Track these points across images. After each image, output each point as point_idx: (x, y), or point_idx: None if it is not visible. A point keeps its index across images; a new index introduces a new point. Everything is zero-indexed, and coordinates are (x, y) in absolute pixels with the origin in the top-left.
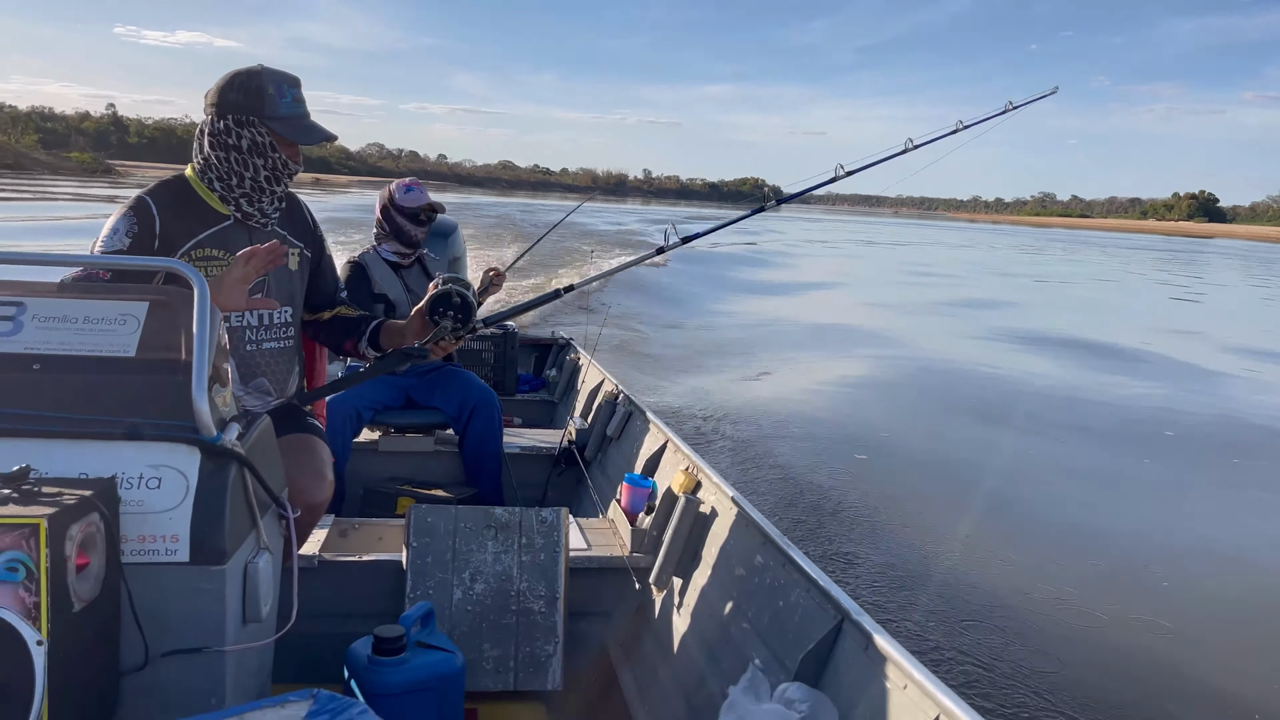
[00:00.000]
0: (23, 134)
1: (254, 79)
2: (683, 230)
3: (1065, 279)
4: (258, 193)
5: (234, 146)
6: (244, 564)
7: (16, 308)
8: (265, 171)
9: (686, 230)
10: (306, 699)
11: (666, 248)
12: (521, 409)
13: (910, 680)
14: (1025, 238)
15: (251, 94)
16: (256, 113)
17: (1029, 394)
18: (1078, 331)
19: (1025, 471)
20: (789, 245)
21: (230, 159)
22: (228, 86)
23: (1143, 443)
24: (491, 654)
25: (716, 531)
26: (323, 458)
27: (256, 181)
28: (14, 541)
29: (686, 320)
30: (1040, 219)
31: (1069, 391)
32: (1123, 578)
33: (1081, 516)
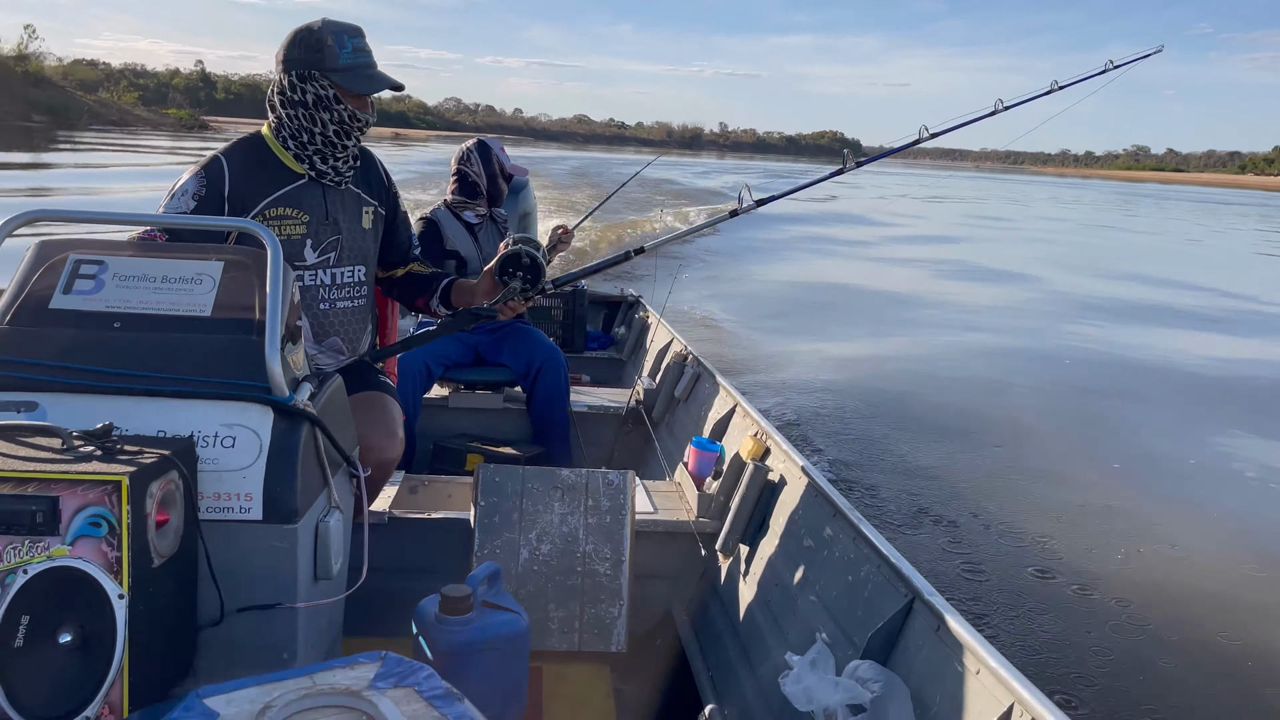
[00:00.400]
0: (124, 92)
1: (314, 33)
2: (758, 191)
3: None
4: (329, 149)
5: (300, 103)
6: (315, 522)
7: (99, 266)
8: (333, 125)
9: (761, 191)
10: (375, 660)
11: (740, 211)
12: (590, 366)
13: (984, 666)
14: (1111, 194)
15: (312, 48)
16: (318, 66)
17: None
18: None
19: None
20: (872, 203)
21: (299, 116)
22: (291, 43)
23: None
24: (556, 615)
25: (785, 500)
26: (394, 415)
27: (326, 137)
28: (97, 497)
29: (759, 279)
30: (1131, 173)
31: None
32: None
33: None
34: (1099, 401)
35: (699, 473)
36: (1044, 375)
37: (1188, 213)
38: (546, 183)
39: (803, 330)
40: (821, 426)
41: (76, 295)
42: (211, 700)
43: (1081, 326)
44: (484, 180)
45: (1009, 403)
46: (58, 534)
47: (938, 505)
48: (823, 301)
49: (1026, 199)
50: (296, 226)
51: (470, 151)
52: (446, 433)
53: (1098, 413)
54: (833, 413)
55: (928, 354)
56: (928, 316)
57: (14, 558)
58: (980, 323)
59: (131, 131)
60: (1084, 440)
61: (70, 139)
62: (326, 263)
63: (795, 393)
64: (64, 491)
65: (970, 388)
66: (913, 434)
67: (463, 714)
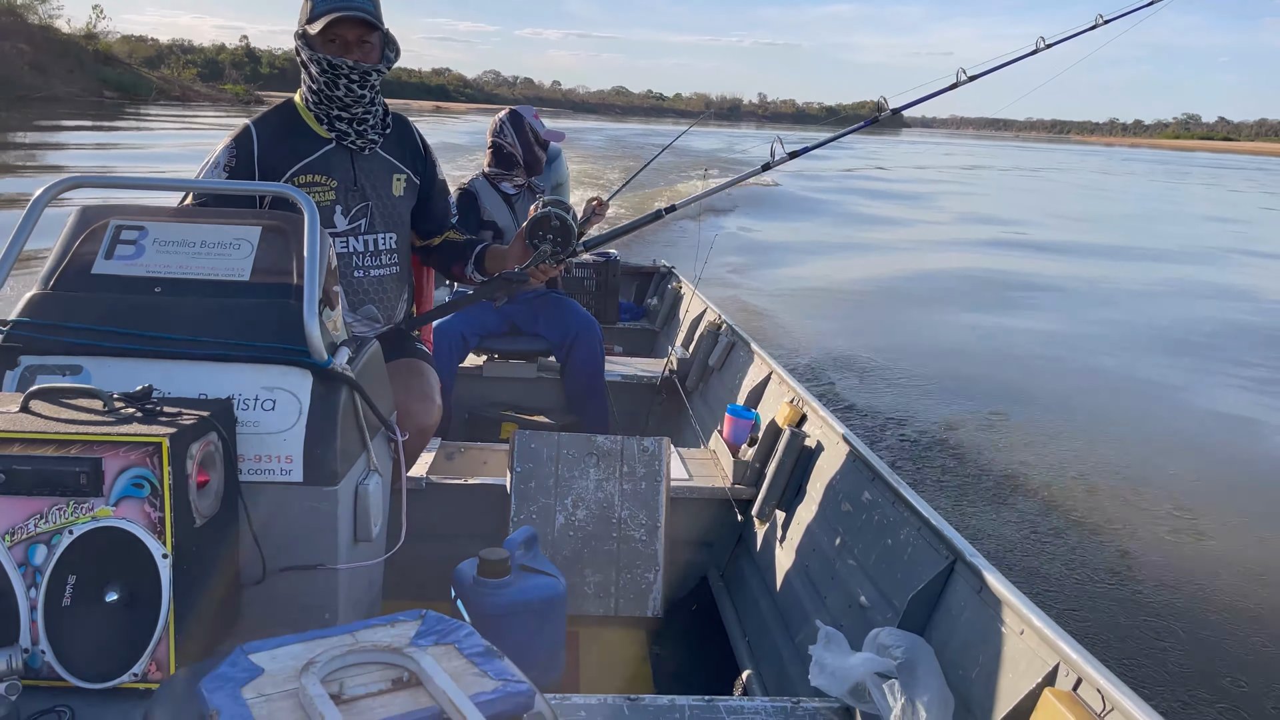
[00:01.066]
0: (183, 68)
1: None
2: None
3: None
4: (332, 105)
5: (304, 64)
6: (355, 485)
7: (139, 232)
8: (321, 78)
9: (795, 146)
10: (415, 619)
11: (773, 164)
12: (622, 337)
13: (1028, 626)
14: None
15: (302, 9)
16: (303, 24)
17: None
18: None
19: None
20: (919, 172)
21: (309, 79)
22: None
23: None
24: (593, 579)
25: (822, 466)
26: (431, 382)
27: (323, 93)
28: (139, 459)
29: (805, 256)
30: (1181, 143)
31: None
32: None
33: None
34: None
35: (734, 440)
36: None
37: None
38: (583, 154)
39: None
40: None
41: (118, 260)
42: (256, 656)
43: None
44: (519, 150)
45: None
46: (101, 495)
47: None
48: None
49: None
50: (326, 193)
51: (503, 123)
52: (481, 402)
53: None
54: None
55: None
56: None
57: (59, 519)
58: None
59: (194, 107)
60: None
61: (138, 114)
62: (358, 229)
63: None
64: (106, 453)
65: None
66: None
67: (503, 671)
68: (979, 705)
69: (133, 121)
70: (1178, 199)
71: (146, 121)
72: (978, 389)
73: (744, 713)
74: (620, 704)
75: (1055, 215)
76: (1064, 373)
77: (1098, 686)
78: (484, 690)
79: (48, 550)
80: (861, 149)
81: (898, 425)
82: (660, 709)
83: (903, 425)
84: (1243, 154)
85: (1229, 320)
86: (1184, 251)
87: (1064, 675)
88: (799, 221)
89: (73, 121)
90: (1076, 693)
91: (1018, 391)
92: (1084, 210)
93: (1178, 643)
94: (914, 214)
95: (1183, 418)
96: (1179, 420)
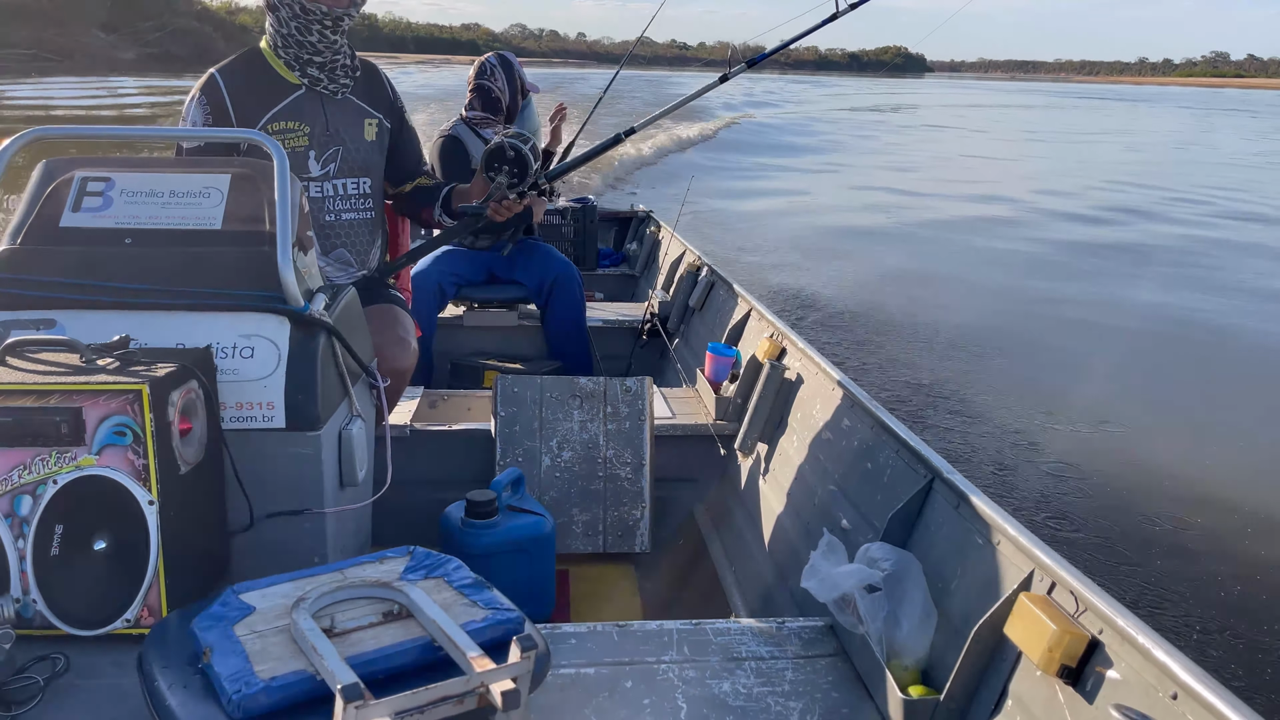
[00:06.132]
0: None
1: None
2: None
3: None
4: (302, 49)
5: (273, 7)
6: (338, 430)
7: (105, 183)
8: (293, 22)
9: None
10: (404, 555)
11: (730, 75)
12: (602, 283)
13: (1005, 536)
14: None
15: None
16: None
17: None
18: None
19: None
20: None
21: (277, 23)
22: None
23: None
24: (581, 519)
25: (803, 397)
26: (405, 325)
27: (292, 37)
28: (119, 406)
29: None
30: (1209, 80)
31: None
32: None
33: None
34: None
35: (715, 377)
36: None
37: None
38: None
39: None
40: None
41: (85, 213)
42: (247, 595)
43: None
44: (506, 95)
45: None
46: (84, 444)
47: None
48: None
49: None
50: (299, 139)
51: (493, 65)
52: (463, 351)
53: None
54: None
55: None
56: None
57: (43, 469)
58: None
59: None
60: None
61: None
62: (329, 174)
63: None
64: (86, 402)
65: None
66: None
67: (492, 600)
68: (958, 614)
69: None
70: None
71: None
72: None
73: (730, 634)
74: (610, 630)
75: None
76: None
77: (1070, 589)
78: (474, 619)
79: (33, 501)
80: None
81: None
82: (649, 633)
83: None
84: (1273, 89)
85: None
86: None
87: (1039, 580)
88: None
89: None
90: (1051, 595)
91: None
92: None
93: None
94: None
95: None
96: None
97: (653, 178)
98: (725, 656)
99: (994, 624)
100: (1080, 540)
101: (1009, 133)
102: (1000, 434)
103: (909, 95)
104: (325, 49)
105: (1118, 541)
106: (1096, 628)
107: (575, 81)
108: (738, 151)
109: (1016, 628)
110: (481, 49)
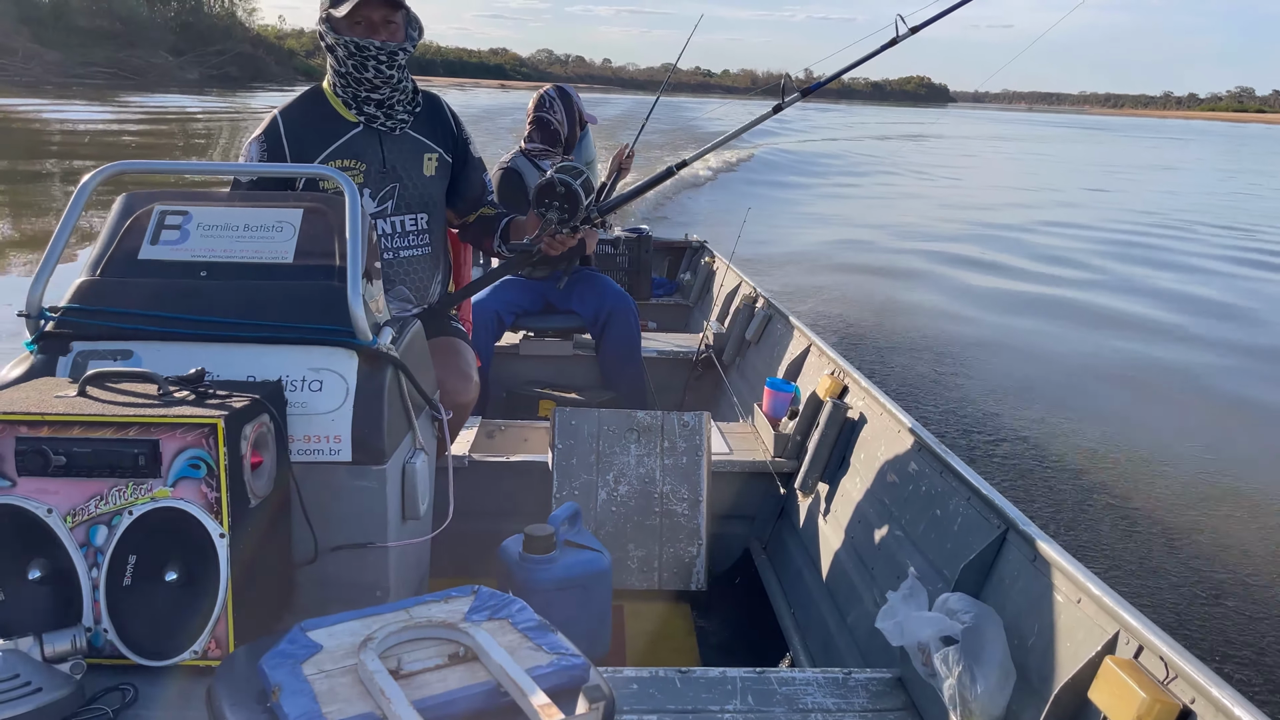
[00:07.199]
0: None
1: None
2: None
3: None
4: (360, 87)
5: (330, 48)
6: (402, 463)
7: (183, 217)
8: (349, 61)
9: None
10: (468, 594)
11: (784, 104)
12: (655, 313)
13: (1085, 594)
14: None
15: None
16: (326, 8)
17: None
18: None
19: None
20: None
21: (335, 63)
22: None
23: None
24: (636, 554)
25: (866, 437)
26: (467, 359)
27: (350, 74)
28: (195, 440)
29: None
30: (1231, 115)
31: None
32: None
33: None
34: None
35: (774, 413)
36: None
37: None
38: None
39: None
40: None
41: (164, 245)
42: (314, 633)
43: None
44: (565, 127)
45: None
46: (159, 476)
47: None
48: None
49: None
50: (355, 176)
51: (552, 98)
52: (518, 379)
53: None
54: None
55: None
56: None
57: (119, 500)
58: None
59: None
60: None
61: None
62: (385, 211)
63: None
64: (164, 435)
65: None
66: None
67: (556, 644)
68: (1036, 674)
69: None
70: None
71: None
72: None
73: (795, 683)
74: (672, 676)
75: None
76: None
77: (1160, 654)
78: (539, 664)
79: (108, 531)
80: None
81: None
82: (711, 681)
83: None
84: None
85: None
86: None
87: (1124, 643)
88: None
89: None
90: (1138, 660)
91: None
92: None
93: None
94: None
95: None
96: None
97: (682, 203)
98: (790, 708)
99: (1076, 687)
100: (1168, 601)
101: (1084, 169)
102: (1074, 478)
103: (938, 124)
104: (382, 84)
105: (1205, 602)
106: (1188, 697)
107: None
108: (769, 177)
109: (1102, 693)
110: (509, 73)
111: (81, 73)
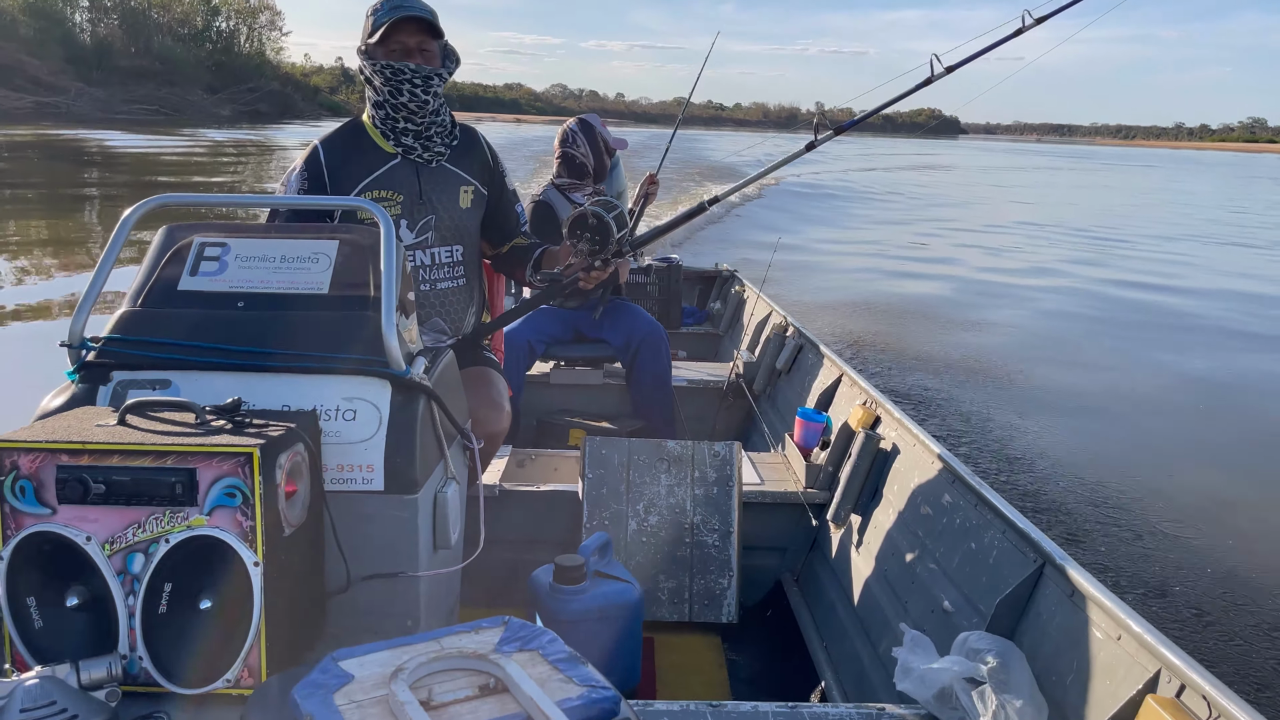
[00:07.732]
0: (349, 92)
1: (368, 15)
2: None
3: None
4: (398, 114)
5: (368, 80)
6: (434, 493)
7: (221, 248)
8: (386, 88)
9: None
10: (499, 625)
11: (816, 142)
12: (685, 342)
13: (1125, 631)
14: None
15: (364, 28)
16: (365, 40)
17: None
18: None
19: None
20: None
21: (374, 92)
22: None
23: None
24: (667, 585)
25: (899, 469)
26: (499, 389)
27: (388, 102)
28: (231, 469)
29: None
30: (1243, 145)
31: None
32: None
33: None
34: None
35: (805, 443)
36: None
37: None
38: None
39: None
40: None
41: (203, 276)
42: (346, 663)
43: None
44: (591, 159)
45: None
46: (196, 504)
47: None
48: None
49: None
50: (392, 208)
51: (574, 132)
52: (549, 408)
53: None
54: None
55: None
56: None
57: (157, 528)
58: None
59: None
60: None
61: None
62: (425, 243)
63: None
64: (200, 464)
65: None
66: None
67: (588, 677)
68: (1074, 712)
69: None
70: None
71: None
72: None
73: (828, 719)
74: (704, 710)
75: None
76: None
77: (1203, 693)
78: (570, 696)
79: (145, 559)
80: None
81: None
82: (743, 715)
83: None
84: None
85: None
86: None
87: (1166, 682)
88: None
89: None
90: (1180, 699)
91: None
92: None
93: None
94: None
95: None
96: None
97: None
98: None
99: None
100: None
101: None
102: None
103: (951, 155)
104: (418, 109)
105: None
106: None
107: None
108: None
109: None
110: (524, 108)
111: (125, 110)
